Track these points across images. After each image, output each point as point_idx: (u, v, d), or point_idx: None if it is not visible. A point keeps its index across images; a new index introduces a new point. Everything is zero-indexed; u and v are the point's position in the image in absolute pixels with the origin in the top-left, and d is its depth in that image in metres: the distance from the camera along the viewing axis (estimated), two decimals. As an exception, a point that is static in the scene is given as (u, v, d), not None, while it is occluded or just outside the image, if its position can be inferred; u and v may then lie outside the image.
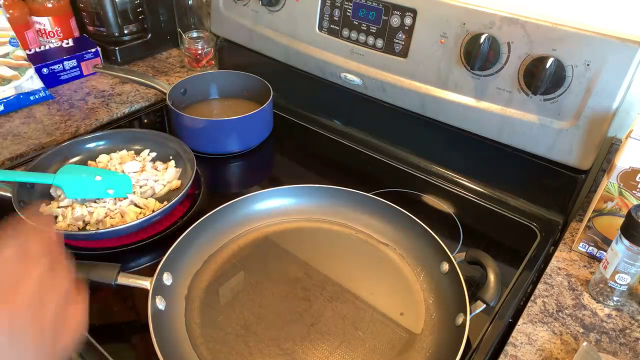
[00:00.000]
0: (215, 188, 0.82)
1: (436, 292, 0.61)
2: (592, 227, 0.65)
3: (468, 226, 0.74)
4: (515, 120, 0.71)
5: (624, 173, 0.59)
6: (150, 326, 0.51)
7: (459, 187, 0.82)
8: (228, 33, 1.04)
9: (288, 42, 0.92)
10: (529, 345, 0.56)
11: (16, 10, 1.00)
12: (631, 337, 0.57)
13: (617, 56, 0.61)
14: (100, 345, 0.55)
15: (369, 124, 0.92)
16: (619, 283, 0.58)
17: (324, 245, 0.69)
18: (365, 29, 0.81)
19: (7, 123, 0.91)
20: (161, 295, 0.57)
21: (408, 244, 0.67)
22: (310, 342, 0.56)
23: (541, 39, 0.65)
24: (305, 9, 0.87)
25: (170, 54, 1.21)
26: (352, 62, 0.85)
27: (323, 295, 0.61)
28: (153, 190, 0.76)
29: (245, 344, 0.55)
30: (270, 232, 0.70)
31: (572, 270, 0.66)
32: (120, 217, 0.70)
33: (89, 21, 1.11)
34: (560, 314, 0.60)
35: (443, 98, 0.76)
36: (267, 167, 0.90)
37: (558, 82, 0.65)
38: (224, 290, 0.62)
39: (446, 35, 0.73)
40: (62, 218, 0.69)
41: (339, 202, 0.72)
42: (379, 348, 0.55)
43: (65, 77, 1.04)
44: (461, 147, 0.81)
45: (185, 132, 0.86)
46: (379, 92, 0.84)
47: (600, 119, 0.65)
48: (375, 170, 0.87)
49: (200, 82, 0.96)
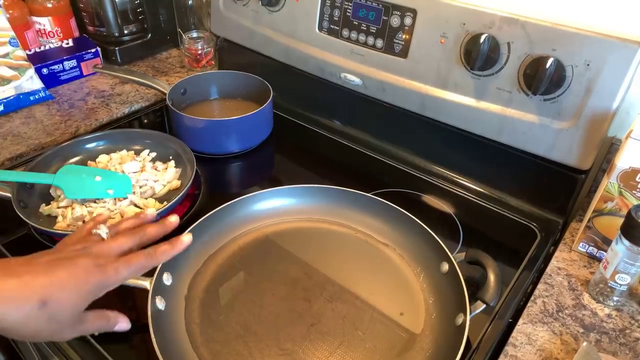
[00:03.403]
0: (215, 188, 0.82)
1: (436, 292, 0.61)
2: (592, 227, 0.65)
3: (468, 226, 0.74)
4: (515, 120, 0.71)
5: (624, 173, 0.59)
6: (150, 326, 0.51)
7: (459, 187, 0.82)
8: (228, 33, 1.04)
9: (288, 42, 0.92)
10: (529, 345, 0.56)
11: (16, 10, 1.00)
12: (631, 337, 0.57)
13: (617, 56, 0.61)
14: (100, 345, 0.55)
15: (369, 124, 0.92)
16: (619, 283, 0.58)
17: (324, 245, 0.69)
18: (365, 29, 0.81)
19: (7, 123, 0.91)
20: (161, 295, 0.57)
21: (408, 244, 0.67)
22: (310, 342, 0.56)
23: (541, 39, 0.65)
24: (305, 9, 0.87)
25: (170, 54, 1.21)
26: (352, 62, 0.85)
27: (323, 295, 0.61)
28: (153, 190, 0.75)
29: (245, 344, 0.55)
30: (270, 232, 0.70)
31: (572, 270, 0.66)
32: (120, 217, 0.70)
33: (89, 21, 1.11)
34: (560, 314, 0.60)
35: (443, 98, 0.76)
36: (267, 167, 0.90)
37: (558, 82, 0.65)
38: (224, 290, 0.62)
39: (446, 35, 0.73)
40: (62, 218, 0.69)
41: (339, 202, 0.72)
42: (379, 348, 0.55)
43: (65, 77, 1.04)
44: (461, 147, 0.81)
45: (185, 132, 0.86)
46: (379, 92, 0.84)
47: (600, 119, 0.65)
48: (375, 170, 0.87)
49: (200, 82, 0.96)
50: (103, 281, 0.43)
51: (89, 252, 0.44)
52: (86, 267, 0.42)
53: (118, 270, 0.44)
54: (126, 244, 0.47)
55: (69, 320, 0.42)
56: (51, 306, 0.40)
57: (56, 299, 0.40)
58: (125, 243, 0.47)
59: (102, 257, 0.44)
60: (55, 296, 0.40)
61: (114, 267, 0.44)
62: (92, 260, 0.43)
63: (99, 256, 0.44)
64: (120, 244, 0.47)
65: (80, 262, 0.43)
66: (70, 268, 0.42)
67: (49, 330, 0.41)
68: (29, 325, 0.39)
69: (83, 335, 0.48)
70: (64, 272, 0.41)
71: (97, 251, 0.45)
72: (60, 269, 0.41)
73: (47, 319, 0.40)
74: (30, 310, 0.39)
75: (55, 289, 0.40)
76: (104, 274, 0.43)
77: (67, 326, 0.43)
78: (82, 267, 0.42)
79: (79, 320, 0.44)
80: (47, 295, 0.39)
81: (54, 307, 0.40)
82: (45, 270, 0.40)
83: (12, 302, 0.38)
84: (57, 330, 0.42)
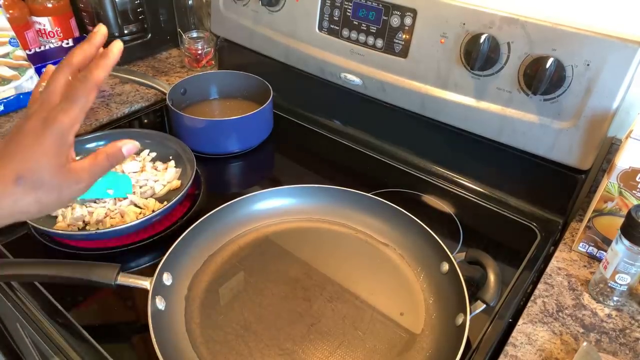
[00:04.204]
0: (215, 188, 0.82)
1: (436, 292, 0.61)
2: (592, 227, 0.65)
3: (468, 226, 0.74)
4: (515, 120, 0.71)
5: (624, 173, 0.59)
6: (150, 326, 0.51)
7: (459, 187, 0.82)
8: (228, 33, 1.04)
9: (288, 42, 0.92)
10: (529, 345, 0.56)
11: (16, 10, 1.00)
12: (631, 337, 0.57)
13: (617, 56, 0.61)
14: (100, 345, 0.55)
15: (369, 124, 0.92)
16: (619, 283, 0.58)
17: (324, 245, 0.69)
18: (365, 29, 0.81)
19: (7, 123, 0.91)
20: (161, 295, 0.57)
21: (408, 244, 0.67)
22: (310, 342, 0.56)
23: (541, 39, 0.65)
24: (305, 9, 0.87)
25: (170, 54, 1.21)
26: (352, 62, 0.85)
27: (323, 295, 0.61)
28: (153, 190, 0.76)
29: (245, 344, 0.55)
30: (270, 232, 0.70)
31: (572, 270, 0.66)
32: (120, 217, 0.70)
33: (89, 21, 1.11)
34: (560, 314, 0.60)
35: (443, 98, 0.76)
36: (267, 167, 0.90)
37: (558, 82, 0.65)
38: (224, 290, 0.62)
39: (446, 35, 0.73)
40: (62, 218, 0.69)
41: (339, 202, 0.72)
42: (379, 348, 0.55)
43: (65, 77, 1.04)
44: (461, 147, 0.81)
45: (185, 132, 0.86)
46: (379, 92, 0.84)
47: (600, 119, 0.65)
48: (375, 170, 0.87)
49: (200, 82, 0.96)
50: (57, 129, 0.41)
51: (32, 112, 0.42)
52: (33, 128, 0.41)
53: (64, 110, 0.41)
54: (59, 81, 0.43)
55: (56, 178, 0.42)
56: (27, 176, 0.40)
57: (26, 169, 0.40)
58: (58, 81, 0.43)
59: (43, 110, 0.42)
60: (23, 166, 0.40)
61: (58, 109, 0.42)
62: (35, 119, 0.41)
63: (40, 111, 0.42)
64: (53, 86, 0.43)
65: (26, 128, 0.41)
66: (21, 137, 0.41)
67: (48, 196, 0.42)
68: (24, 201, 0.40)
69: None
70: (16, 143, 0.41)
71: (38, 108, 0.42)
72: (12, 145, 0.41)
73: (32, 187, 0.40)
74: (12, 189, 0.40)
75: (18, 161, 0.40)
76: (53, 123, 0.41)
77: (62, 184, 0.42)
78: (30, 129, 0.41)
79: (70, 172, 0.43)
80: (16, 170, 0.40)
81: (29, 175, 0.40)
82: (3, 152, 0.41)
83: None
84: (57, 192, 0.42)
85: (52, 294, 0.61)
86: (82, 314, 0.60)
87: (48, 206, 0.43)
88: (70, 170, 0.43)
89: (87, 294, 0.62)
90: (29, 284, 0.63)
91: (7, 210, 0.40)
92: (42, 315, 0.60)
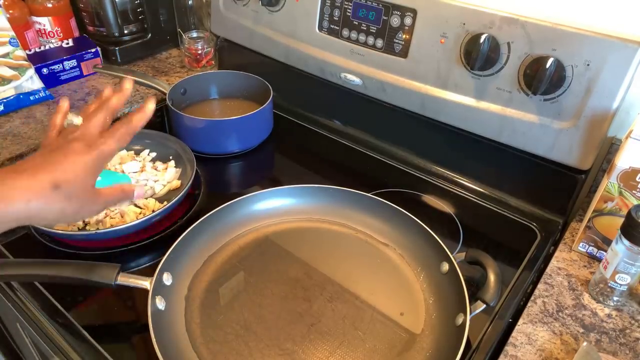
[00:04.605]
0: (215, 188, 0.82)
1: (436, 292, 0.61)
2: (592, 227, 0.65)
3: (468, 226, 0.74)
4: (515, 120, 0.71)
5: (624, 173, 0.59)
6: (150, 326, 0.51)
7: (459, 187, 0.82)
8: (228, 33, 1.04)
9: (288, 42, 0.92)
10: (529, 345, 0.56)
11: (16, 10, 1.00)
12: (631, 337, 0.57)
13: (617, 56, 0.61)
14: (100, 345, 0.55)
15: (369, 124, 0.92)
16: (619, 283, 0.58)
17: (324, 245, 0.69)
18: (365, 29, 0.81)
19: (7, 123, 0.91)
20: (161, 295, 0.57)
21: (408, 244, 0.67)
22: (310, 342, 0.56)
23: (541, 39, 0.65)
24: (305, 9, 0.87)
25: (170, 54, 1.21)
26: (352, 62, 0.85)
27: (323, 295, 0.61)
28: (153, 190, 0.76)
29: (245, 344, 0.55)
30: (270, 232, 0.70)
31: (572, 270, 0.66)
32: (120, 217, 0.70)
33: (89, 21, 1.11)
34: (560, 314, 0.60)
35: (443, 98, 0.76)
36: (267, 167, 0.90)
37: (558, 82, 0.65)
38: (224, 290, 0.62)
39: (446, 35, 0.73)
40: (62, 218, 0.69)
41: (339, 202, 0.72)
42: (379, 348, 0.55)
43: (65, 77, 1.04)
44: (461, 147, 0.81)
45: (185, 132, 0.86)
46: (379, 92, 0.84)
47: (600, 119, 0.65)
48: (375, 170, 0.87)
49: (200, 82, 0.96)
50: (99, 155, 0.47)
51: (74, 138, 0.48)
52: (79, 149, 0.46)
53: (107, 143, 0.48)
54: (99, 119, 0.50)
55: (85, 195, 0.46)
56: (64, 186, 0.44)
57: (65, 179, 0.44)
58: (98, 119, 0.50)
59: (86, 138, 0.48)
60: (64, 177, 0.44)
61: (102, 141, 0.48)
62: (81, 143, 0.47)
63: (84, 139, 0.47)
64: (95, 121, 0.50)
65: (72, 146, 0.46)
66: (66, 153, 0.46)
67: (72, 208, 0.45)
68: (53, 207, 0.44)
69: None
70: (62, 157, 0.45)
71: (79, 135, 0.48)
72: (57, 155, 0.45)
73: (64, 197, 0.44)
74: (48, 193, 0.43)
75: (60, 172, 0.44)
76: (96, 149, 0.47)
77: (86, 201, 0.47)
78: (75, 149, 0.46)
79: (96, 194, 0.48)
80: (56, 178, 0.44)
81: (66, 186, 0.44)
82: (46, 161, 0.45)
83: (30, 189, 0.42)
84: (79, 207, 0.46)
85: (52, 294, 0.61)
86: (82, 314, 0.60)
87: (67, 218, 0.47)
88: (95, 192, 0.48)
89: (87, 294, 0.62)
90: (29, 284, 0.63)
91: (34, 210, 0.43)
92: (42, 315, 0.60)
